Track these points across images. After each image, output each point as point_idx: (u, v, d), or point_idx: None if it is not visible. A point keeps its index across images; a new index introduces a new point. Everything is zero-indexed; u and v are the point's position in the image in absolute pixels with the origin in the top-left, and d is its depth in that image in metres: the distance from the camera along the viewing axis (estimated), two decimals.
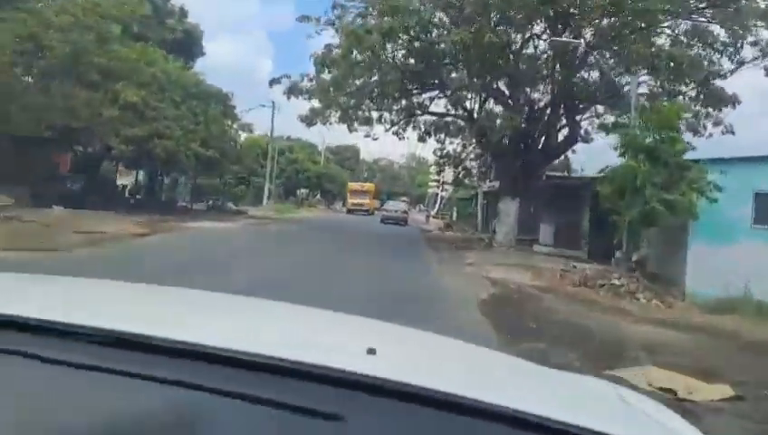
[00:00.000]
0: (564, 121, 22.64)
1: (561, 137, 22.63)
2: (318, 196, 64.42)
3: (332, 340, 1.39)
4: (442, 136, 27.12)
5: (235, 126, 27.92)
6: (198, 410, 0.87)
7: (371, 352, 1.06)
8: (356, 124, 24.57)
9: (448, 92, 22.70)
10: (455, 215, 47.62)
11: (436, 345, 1.60)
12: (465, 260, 16.79)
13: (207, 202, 33.01)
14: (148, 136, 19.64)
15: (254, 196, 47.80)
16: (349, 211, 49.82)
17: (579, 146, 24.85)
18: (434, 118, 26.26)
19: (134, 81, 20.16)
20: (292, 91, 21.25)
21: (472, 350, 1.62)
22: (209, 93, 23.50)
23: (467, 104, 23.58)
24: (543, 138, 22.63)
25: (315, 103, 22.13)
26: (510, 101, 21.32)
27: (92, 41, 19.54)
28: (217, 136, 22.73)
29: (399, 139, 26.76)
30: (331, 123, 24.10)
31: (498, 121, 16.93)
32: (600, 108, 24.11)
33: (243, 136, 31.29)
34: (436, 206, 60.41)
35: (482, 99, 23.12)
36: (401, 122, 25.53)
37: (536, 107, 22.38)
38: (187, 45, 29.38)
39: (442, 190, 62.11)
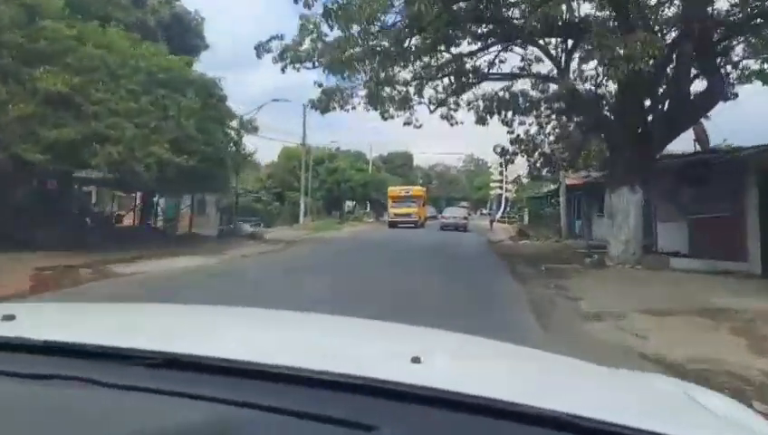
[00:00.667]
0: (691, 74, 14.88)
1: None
2: (367, 207, 58.01)
3: (376, 349, 1.38)
4: (508, 114, 19.75)
5: (233, 124, 21.58)
6: (243, 426, 0.88)
7: (416, 360, 1.04)
8: (389, 106, 17.67)
9: (509, 44, 15.51)
10: (526, 218, 39.75)
11: (488, 350, 1.56)
12: (574, 300, 9.52)
13: (219, 225, 26.96)
14: (82, 139, 13.50)
15: (290, 213, 41.82)
16: (391, 225, 36.89)
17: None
18: (494, 91, 19.03)
19: (69, 65, 14.15)
20: (287, 57, 14.54)
21: (526, 353, 1.60)
22: (185, 80, 17.22)
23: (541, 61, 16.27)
24: (667, 100, 15.02)
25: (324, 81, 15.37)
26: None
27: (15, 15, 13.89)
28: (198, 137, 16.35)
29: (451, 124, 19.57)
30: (353, 107, 17.32)
31: (621, 51, 9.75)
32: (739, 48, 16.24)
33: (248, 143, 24.70)
34: (501, 208, 52.55)
35: (566, 46, 15.74)
36: (449, 98, 18.43)
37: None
38: (178, 33, 23.47)
39: (506, 191, 54.42)
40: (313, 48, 14.28)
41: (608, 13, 13.98)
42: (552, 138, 21.16)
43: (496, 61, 17.17)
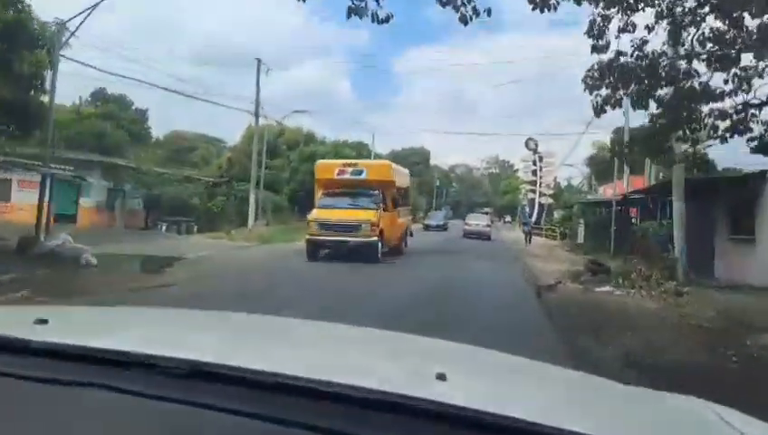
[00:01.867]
0: None
1: None
2: None
3: (400, 365, 1.34)
4: None
5: None
6: None
7: (441, 377, 1.04)
8: None
9: None
10: (581, 233, 26.27)
11: (512, 368, 1.53)
12: None
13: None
14: None
15: (237, 212, 29.52)
16: (310, 252, 16.22)
17: None
18: None
19: None
20: None
21: (549, 371, 1.58)
22: None
23: None
24: None
25: None
26: None
27: None
28: None
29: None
30: None
31: None
32: None
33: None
34: (533, 215, 39.57)
35: None
36: None
37: None
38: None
39: (539, 195, 41.54)
40: None
41: None
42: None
43: None
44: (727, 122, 8.74)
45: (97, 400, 0.94)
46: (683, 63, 8.48)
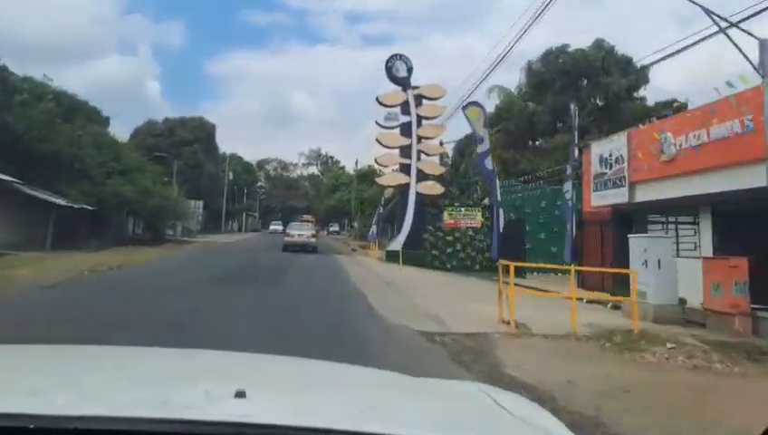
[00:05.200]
0: None
1: None
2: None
3: (198, 385, 1.22)
4: None
5: None
6: None
7: (240, 395, 1.01)
8: None
9: None
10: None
11: (317, 375, 1.57)
12: None
13: None
14: None
15: None
16: None
17: None
18: None
19: None
20: None
21: (349, 372, 1.64)
22: None
23: None
24: None
25: None
26: None
27: None
28: None
29: None
30: None
31: None
32: None
33: None
34: (407, 221, 25.41)
35: None
36: None
37: None
38: None
39: (419, 179, 26.09)
40: None
41: None
42: None
43: None
44: None
45: None
46: None
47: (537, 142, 29.70)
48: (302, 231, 29.60)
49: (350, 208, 51.73)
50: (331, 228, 69.78)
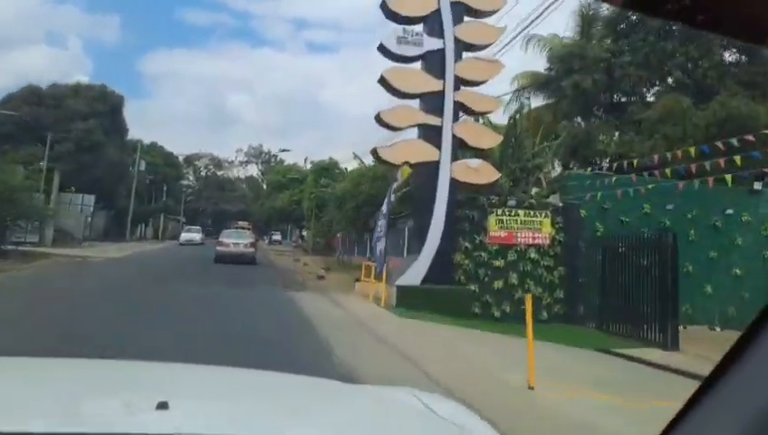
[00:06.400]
0: None
1: None
2: None
3: (117, 396, 1.14)
4: None
5: None
6: None
7: (162, 406, 0.94)
8: None
9: None
10: None
11: (244, 383, 1.50)
12: None
13: None
14: None
15: None
16: None
17: None
18: None
19: None
20: None
21: (278, 379, 1.58)
22: None
23: None
24: None
25: None
26: None
27: None
28: None
29: None
30: None
31: None
32: None
33: None
34: (434, 218, 14.09)
35: None
36: None
37: None
38: None
39: (461, 141, 14.70)
40: None
41: None
42: None
43: None
44: None
45: None
46: None
47: (621, 110, 19.09)
48: (238, 240, 26.06)
49: (301, 213, 39.72)
50: (274, 237, 57.60)
